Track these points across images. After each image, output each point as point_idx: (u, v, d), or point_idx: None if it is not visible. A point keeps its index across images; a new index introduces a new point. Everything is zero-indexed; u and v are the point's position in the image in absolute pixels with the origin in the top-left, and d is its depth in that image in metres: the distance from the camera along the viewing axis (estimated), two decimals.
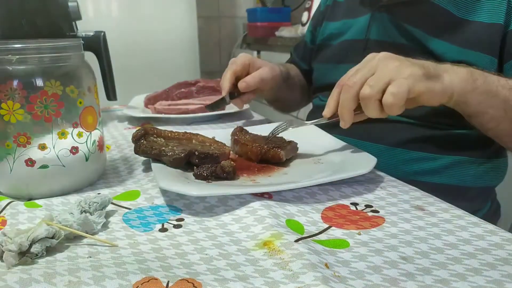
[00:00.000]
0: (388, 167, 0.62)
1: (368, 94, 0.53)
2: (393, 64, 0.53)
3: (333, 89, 0.58)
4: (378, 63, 0.54)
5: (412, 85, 0.52)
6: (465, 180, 0.71)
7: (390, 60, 0.54)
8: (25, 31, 0.77)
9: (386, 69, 0.53)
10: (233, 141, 0.66)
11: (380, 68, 0.54)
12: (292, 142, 0.64)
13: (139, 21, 1.79)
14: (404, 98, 0.52)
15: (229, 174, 0.55)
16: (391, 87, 0.52)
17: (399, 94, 0.51)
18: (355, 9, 0.84)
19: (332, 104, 0.58)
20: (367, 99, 0.53)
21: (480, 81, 0.58)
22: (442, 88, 0.55)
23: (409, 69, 0.53)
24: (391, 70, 0.53)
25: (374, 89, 0.52)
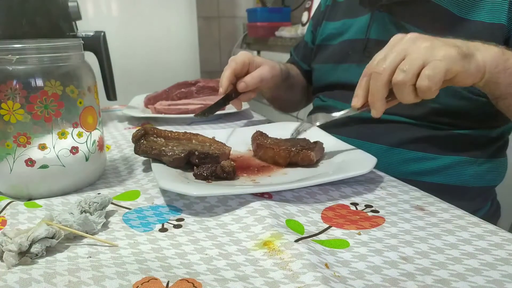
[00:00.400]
0: (388, 167, 0.62)
1: (402, 80, 0.50)
2: (424, 44, 0.50)
3: (361, 77, 0.55)
4: (407, 45, 0.51)
5: (449, 67, 0.50)
6: (465, 180, 0.71)
7: (420, 41, 0.51)
8: (25, 31, 0.77)
9: (418, 51, 0.50)
10: (256, 145, 0.64)
11: (412, 51, 0.50)
12: (319, 142, 0.62)
13: (139, 21, 1.79)
14: (441, 80, 0.50)
15: (229, 174, 0.55)
16: (426, 70, 0.49)
17: (436, 77, 0.49)
18: (355, 8, 0.84)
19: (361, 94, 0.55)
20: (402, 85, 0.50)
21: (511, 61, 0.55)
22: (477, 67, 0.53)
23: (442, 49, 0.50)
24: (423, 52, 0.50)
25: (408, 74, 0.50)
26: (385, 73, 0.51)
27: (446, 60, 0.50)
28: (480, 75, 0.54)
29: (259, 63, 0.82)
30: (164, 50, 1.85)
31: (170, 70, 1.86)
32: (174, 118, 0.93)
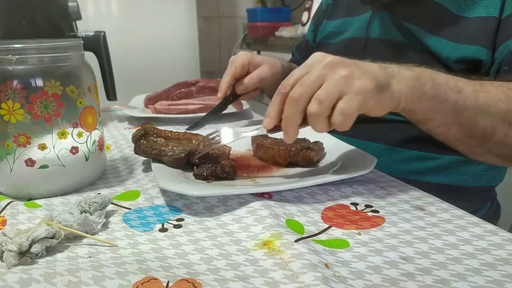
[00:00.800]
0: (387, 166, 0.62)
1: (316, 111, 0.48)
2: (343, 72, 0.48)
3: (274, 96, 0.52)
4: (326, 71, 0.48)
5: (364, 102, 0.48)
6: (465, 180, 0.71)
7: (339, 68, 0.48)
8: (25, 31, 0.77)
9: (335, 81, 0.48)
10: (256, 145, 0.64)
11: (329, 79, 0.48)
12: (319, 142, 0.62)
13: (139, 21, 1.79)
14: (355, 116, 0.48)
15: (229, 174, 0.55)
16: (341, 104, 0.47)
17: (350, 114, 0.47)
18: (355, 7, 0.84)
19: (274, 115, 0.51)
20: (316, 116, 0.48)
21: (427, 86, 0.53)
22: (391, 99, 0.51)
23: (359, 81, 0.48)
24: (340, 82, 0.47)
25: (323, 106, 0.47)
26: (301, 101, 0.49)
27: (361, 93, 0.47)
28: (395, 106, 0.53)
29: (259, 62, 0.82)
30: (164, 50, 1.85)
31: (170, 70, 1.86)
32: (174, 118, 0.93)
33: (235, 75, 0.79)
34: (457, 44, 0.66)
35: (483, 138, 0.56)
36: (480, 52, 0.65)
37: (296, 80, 0.50)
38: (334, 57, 0.50)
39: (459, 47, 0.66)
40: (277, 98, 0.51)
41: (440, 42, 0.68)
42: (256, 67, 0.81)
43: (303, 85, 0.49)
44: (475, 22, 0.66)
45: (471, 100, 0.54)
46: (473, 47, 0.65)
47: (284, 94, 0.50)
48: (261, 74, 0.80)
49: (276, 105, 0.51)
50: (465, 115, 0.55)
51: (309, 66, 0.50)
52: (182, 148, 0.59)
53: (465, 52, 0.65)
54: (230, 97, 0.81)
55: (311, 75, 0.49)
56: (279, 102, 0.51)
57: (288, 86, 0.50)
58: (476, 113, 0.55)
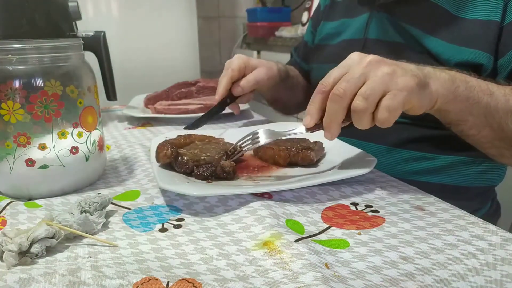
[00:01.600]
0: (387, 167, 0.62)
1: (363, 108, 0.48)
2: (386, 70, 0.48)
3: (314, 94, 0.51)
4: (368, 69, 0.49)
5: (408, 98, 0.48)
6: (464, 180, 0.71)
7: (382, 66, 0.49)
8: (25, 31, 0.77)
9: (379, 78, 0.48)
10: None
11: (373, 76, 0.48)
12: (319, 142, 0.62)
13: (139, 21, 1.79)
14: (399, 112, 0.48)
15: (229, 174, 0.55)
16: (386, 101, 0.47)
17: (395, 109, 0.48)
18: (353, 8, 0.84)
19: (315, 113, 0.51)
20: (361, 113, 0.48)
21: (461, 88, 0.54)
22: (430, 98, 0.52)
23: (403, 78, 0.48)
24: (385, 79, 0.48)
25: (368, 102, 0.47)
26: (346, 98, 0.48)
27: (406, 90, 0.48)
28: (432, 104, 0.54)
29: (254, 65, 0.82)
30: (164, 50, 1.85)
31: (170, 70, 1.85)
32: (174, 118, 0.93)
33: (232, 78, 0.80)
34: (455, 45, 0.66)
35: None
36: (480, 56, 0.65)
37: (336, 79, 0.50)
38: (375, 56, 0.50)
39: (458, 49, 0.66)
40: (318, 96, 0.51)
41: (439, 44, 0.68)
42: (252, 69, 0.82)
43: (347, 82, 0.49)
44: (474, 24, 0.66)
45: (502, 103, 0.56)
46: (473, 51, 0.65)
47: (324, 92, 0.50)
48: (258, 77, 0.81)
49: (317, 103, 0.51)
50: (496, 117, 0.57)
51: (347, 66, 0.50)
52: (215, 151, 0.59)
53: (465, 56, 0.65)
54: (227, 99, 0.81)
55: (355, 73, 0.49)
56: (320, 100, 0.51)
57: (328, 85, 0.50)
58: (507, 116, 0.57)
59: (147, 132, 0.85)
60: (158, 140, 0.64)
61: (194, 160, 0.56)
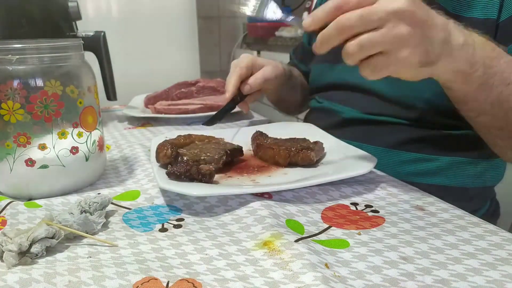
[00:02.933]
0: (385, 168, 0.62)
1: (351, 52, 0.46)
2: (402, 30, 0.44)
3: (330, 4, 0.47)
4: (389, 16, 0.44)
5: (400, 71, 0.47)
6: (463, 181, 0.71)
7: (403, 23, 0.44)
8: (25, 31, 0.77)
9: (389, 35, 0.44)
10: (256, 145, 0.64)
11: (385, 28, 0.44)
12: (319, 142, 0.62)
13: (139, 21, 1.79)
14: (384, 76, 0.47)
15: (205, 177, 0.52)
16: (377, 60, 0.46)
17: (380, 74, 0.47)
18: None
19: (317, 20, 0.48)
20: (350, 55, 0.46)
21: (478, 73, 0.51)
22: (427, 75, 0.50)
23: (408, 51, 0.45)
24: (393, 39, 0.45)
25: (361, 52, 0.46)
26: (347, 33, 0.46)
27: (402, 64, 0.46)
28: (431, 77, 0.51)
29: (261, 64, 0.83)
30: (164, 50, 1.85)
31: (170, 70, 1.85)
32: (174, 118, 0.93)
33: (241, 76, 0.80)
34: None
35: None
36: None
37: (360, 3, 0.45)
38: (409, 4, 0.45)
39: None
40: (331, 7, 0.47)
41: None
42: (259, 68, 0.82)
43: (359, 17, 0.45)
44: (472, 22, 0.66)
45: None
46: None
47: (338, 9, 0.46)
48: (265, 74, 0.81)
49: (325, 11, 0.47)
50: (505, 107, 0.54)
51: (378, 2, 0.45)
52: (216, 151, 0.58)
53: None
54: (238, 97, 0.81)
55: (373, 14, 0.44)
56: (329, 12, 0.47)
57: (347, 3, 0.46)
58: None
59: (147, 132, 0.85)
60: (158, 140, 0.64)
61: (194, 160, 0.55)
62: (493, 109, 0.55)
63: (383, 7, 0.45)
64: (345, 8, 0.46)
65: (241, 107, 0.85)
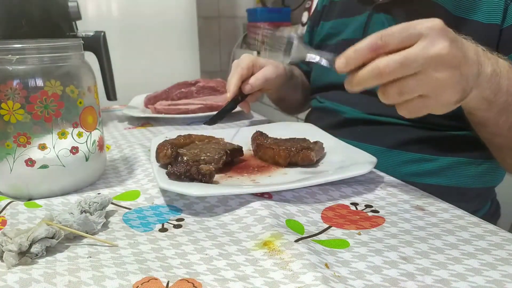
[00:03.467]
0: (386, 168, 0.62)
1: (391, 97, 0.46)
2: (443, 76, 0.44)
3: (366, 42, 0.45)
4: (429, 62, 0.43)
5: (437, 110, 0.47)
6: (464, 181, 0.71)
7: (444, 68, 0.44)
8: (25, 31, 0.77)
9: (430, 81, 0.44)
10: (256, 145, 0.64)
11: (425, 75, 0.44)
12: (319, 142, 0.62)
13: (139, 21, 1.79)
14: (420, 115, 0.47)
15: (205, 177, 0.52)
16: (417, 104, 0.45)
17: (417, 114, 0.47)
18: (352, 8, 0.83)
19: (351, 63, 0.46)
20: (387, 99, 0.46)
21: (501, 101, 0.53)
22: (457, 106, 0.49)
23: (448, 92, 0.45)
24: (433, 84, 0.44)
25: (400, 98, 0.45)
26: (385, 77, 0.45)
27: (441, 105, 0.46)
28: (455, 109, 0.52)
29: (262, 64, 0.83)
30: (164, 50, 1.85)
31: (170, 70, 1.85)
32: (174, 118, 0.93)
33: (242, 76, 0.80)
34: None
35: None
36: None
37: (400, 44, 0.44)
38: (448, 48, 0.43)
39: None
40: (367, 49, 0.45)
41: None
42: (260, 68, 0.82)
43: (399, 65, 0.43)
44: (474, 26, 0.66)
45: None
46: None
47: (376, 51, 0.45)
48: (266, 74, 0.81)
49: (360, 53, 0.46)
50: None
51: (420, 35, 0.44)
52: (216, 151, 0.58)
53: None
54: (239, 96, 0.81)
55: (413, 62, 0.43)
56: (365, 54, 0.45)
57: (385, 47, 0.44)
58: None
59: (147, 132, 0.85)
60: (158, 140, 0.64)
61: (194, 160, 0.55)
62: (509, 132, 0.58)
63: (425, 53, 0.43)
64: (382, 51, 0.45)
65: (242, 106, 0.85)
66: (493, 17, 0.64)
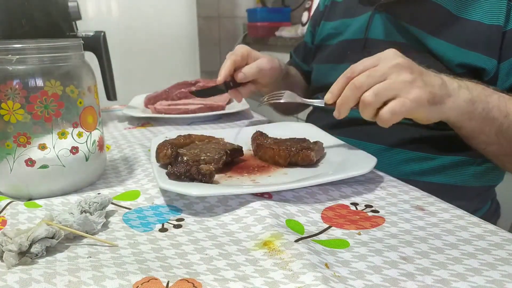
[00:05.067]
0: (386, 167, 0.62)
1: (369, 101, 0.53)
2: (406, 77, 0.52)
3: (341, 76, 0.57)
4: (394, 70, 0.53)
5: (413, 110, 0.53)
6: (464, 180, 0.71)
7: (405, 72, 0.53)
8: (25, 31, 0.77)
9: (397, 82, 0.52)
10: (256, 145, 0.64)
11: (391, 78, 0.53)
12: (319, 142, 0.62)
13: (139, 21, 1.79)
14: (400, 118, 0.53)
15: (205, 177, 0.52)
16: (393, 104, 0.52)
17: (398, 114, 0.52)
18: (354, 8, 0.83)
19: (335, 93, 0.57)
20: (367, 105, 0.53)
21: (479, 110, 0.58)
22: (440, 114, 0.56)
23: (417, 90, 0.52)
24: (401, 85, 0.52)
25: (376, 99, 0.52)
26: (361, 90, 0.54)
27: (415, 102, 0.52)
28: (442, 120, 0.58)
29: (257, 55, 0.82)
30: (164, 50, 1.85)
31: (170, 70, 1.85)
32: (174, 118, 0.93)
33: (235, 62, 0.79)
34: (457, 47, 0.66)
35: None
36: (481, 59, 0.65)
37: (365, 68, 0.54)
38: (404, 60, 0.54)
39: (460, 51, 0.66)
40: (343, 79, 0.56)
41: (440, 44, 0.68)
42: (254, 59, 0.81)
43: (367, 76, 0.53)
44: (476, 26, 0.65)
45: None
46: (474, 54, 0.65)
47: (349, 78, 0.55)
48: (260, 65, 0.80)
49: (339, 84, 0.57)
50: (507, 137, 0.61)
51: (379, 59, 0.55)
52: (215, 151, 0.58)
53: (468, 59, 0.65)
54: (230, 82, 0.80)
55: (378, 70, 0.53)
56: (344, 83, 0.56)
57: (355, 72, 0.55)
58: None
59: (147, 132, 0.85)
60: (158, 140, 0.64)
61: (194, 160, 0.55)
62: (498, 139, 0.61)
63: (385, 64, 0.53)
64: (353, 76, 0.55)
65: (233, 94, 0.83)
66: (495, 18, 0.64)
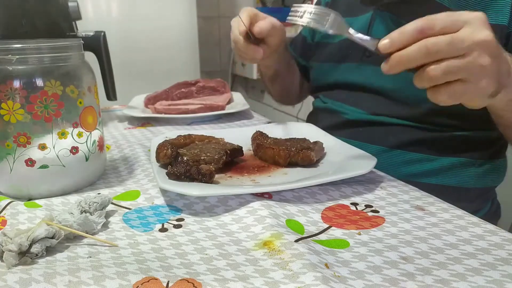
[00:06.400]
0: (387, 168, 0.62)
1: (434, 76, 0.45)
2: (485, 61, 0.45)
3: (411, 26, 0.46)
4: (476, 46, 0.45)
5: (473, 99, 0.49)
6: (465, 181, 0.71)
7: (486, 53, 0.45)
8: (25, 31, 0.77)
9: (475, 64, 0.45)
10: (256, 145, 0.64)
11: (472, 56, 0.45)
12: (319, 142, 0.62)
13: (139, 21, 1.79)
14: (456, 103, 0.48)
15: (205, 177, 0.52)
16: (457, 88, 0.46)
17: (456, 100, 0.47)
18: (355, 7, 0.83)
19: (397, 44, 0.47)
20: (429, 78, 0.46)
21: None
22: (487, 103, 0.51)
23: (487, 80, 0.46)
24: (477, 68, 0.45)
25: (444, 77, 0.46)
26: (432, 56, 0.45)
27: (479, 93, 0.47)
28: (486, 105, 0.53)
29: (264, 16, 0.79)
30: (164, 50, 1.85)
31: (170, 70, 1.85)
32: (174, 118, 0.93)
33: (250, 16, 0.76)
34: None
35: None
36: None
37: (445, 28, 0.45)
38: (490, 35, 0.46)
39: None
40: (414, 32, 0.46)
41: None
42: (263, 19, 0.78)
43: (447, 44, 0.45)
44: None
45: None
46: None
47: (422, 33, 0.46)
48: (272, 20, 0.77)
49: (406, 35, 0.46)
50: None
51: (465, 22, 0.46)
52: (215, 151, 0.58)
53: None
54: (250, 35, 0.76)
55: (464, 41, 0.45)
56: (411, 37, 0.46)
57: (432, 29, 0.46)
58: None
59: (147, 132, 0.85)
60: (158, 140, 0.64)
61: (194, 160, 0.55)
62: None
63: (472, 37, 0.45)
64: (429, 32, 0.46)
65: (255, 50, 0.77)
66: (500, 18, 0.64)
